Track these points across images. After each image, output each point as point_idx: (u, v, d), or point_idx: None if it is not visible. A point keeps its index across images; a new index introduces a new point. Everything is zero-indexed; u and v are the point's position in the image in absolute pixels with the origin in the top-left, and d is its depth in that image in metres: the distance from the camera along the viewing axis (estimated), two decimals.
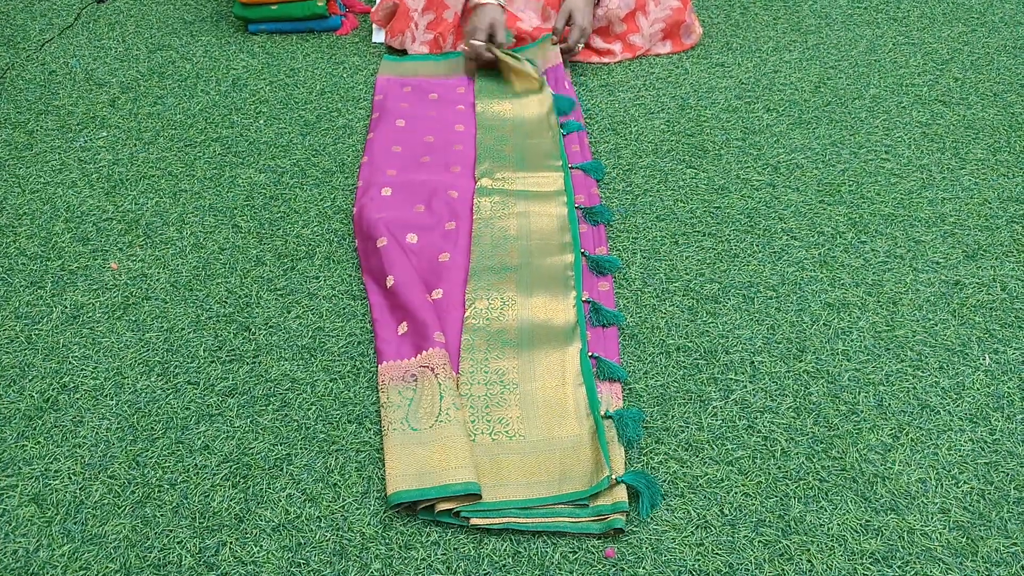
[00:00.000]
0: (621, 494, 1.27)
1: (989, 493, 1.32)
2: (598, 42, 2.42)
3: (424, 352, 1.50)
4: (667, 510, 1.30)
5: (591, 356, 1.50)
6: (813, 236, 1.80)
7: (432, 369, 1.46)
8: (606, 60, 2.42)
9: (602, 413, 1.39)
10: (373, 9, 2.63)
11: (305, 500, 1.33)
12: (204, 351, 1.57)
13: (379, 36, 2.55)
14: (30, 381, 1.52)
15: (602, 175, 1.97)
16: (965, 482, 1.33)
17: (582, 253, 1.72)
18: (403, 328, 1.56)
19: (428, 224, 1.79)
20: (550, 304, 1.60)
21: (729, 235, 1.81)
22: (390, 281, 1.63)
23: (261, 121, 2.19)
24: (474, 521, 1.26)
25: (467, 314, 1.59)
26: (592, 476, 1.29)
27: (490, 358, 1.51)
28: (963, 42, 2.48)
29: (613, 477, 1.28)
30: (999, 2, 2.68)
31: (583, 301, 1.60)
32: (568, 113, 2.15)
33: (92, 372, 1.53)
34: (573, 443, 1.36)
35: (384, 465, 1.36)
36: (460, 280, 1.66)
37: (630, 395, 1.48)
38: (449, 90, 2.27)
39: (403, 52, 2.45)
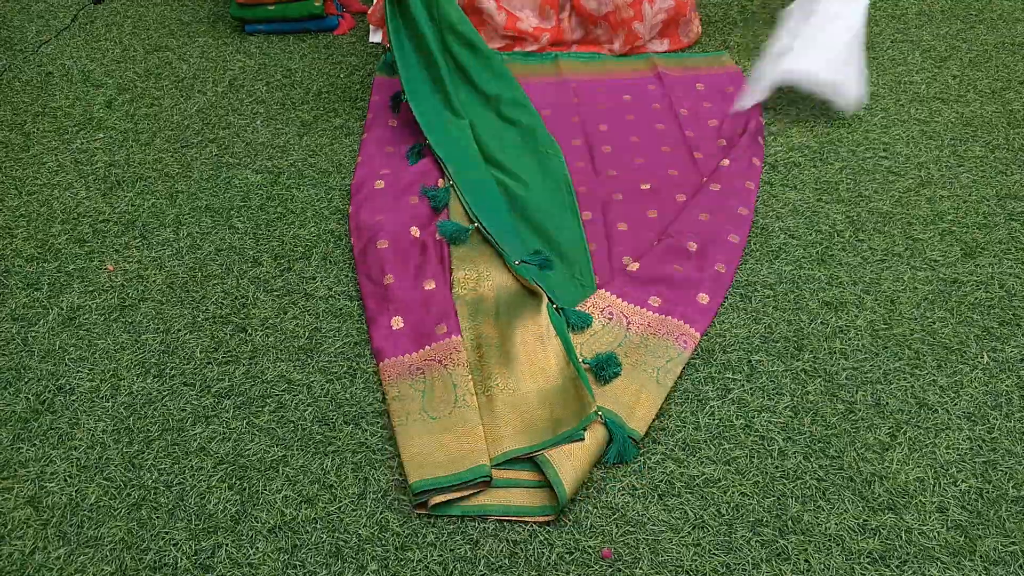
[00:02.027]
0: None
1: (987, 492, 1.31)
2: (604, 32, 2.40)
3: (428, 347, 1.52)
4: (664, 510, 1.30)
5: (557, 308, 1.57)
6: (811, 234, 1.79)
7: (440, 361, 1.49)
8: (604, 52, 2.42)
9: (580, 360, 1.48)
10: (370, 9, 2.62)
11: (301, 502, 1.32)
12: (200, 352, 1.57)
13: (376, 36, 2.55)
14: (26, 383, 1.52)
15: None
16: (963, 481, 1.33)
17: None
18: (397, 323, 1.57)
19: (426, 213, 1.82)
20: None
21: None
22: (389, 279, 1.64)
23: (258, 122, 2.19)
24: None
25: (451, 283, 1.66)
26: (580, 413, 1.38)
27: (472, 325, 1.57)
28: (961, 39, 2.47)
29: (599, 414, 1.37)
30: (997, 0, 2.67)
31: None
32: None
33: (88, 374, 1.53)
34: (559, 392, 1.43)
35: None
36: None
37: None
38: None
39: None
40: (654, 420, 1.42)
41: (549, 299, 1.57)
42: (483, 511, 1.30)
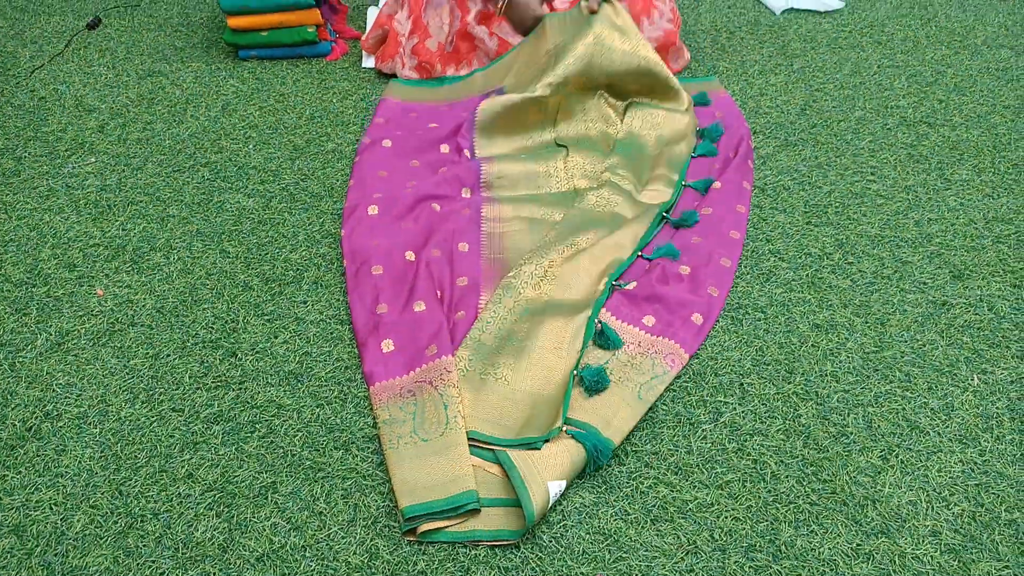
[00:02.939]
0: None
1: (980, 515, 1.31)
2: None
3: (418, 368, 1.51)
4: (657, 535, 1.29)
5: (597, 322, 1.60)
6: (801, 257, 1.80)
7: (431, 383, 1.48)
8: None
9: (573, 372, 1.50)
10: (364, 36, 2.65)
11: (290, 529, 1.31)
12: (189, 377, 1.56)
13: (369, 62, 2.57)
14: (12, 409, 1.50)
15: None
16: (956, 504, 1.33)
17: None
18: (388, 346, 1.57)
19: (422, 236, 1.83)
20: (580, 288, 1.67)
21: None
22: (382, 308, 1.64)
23: (250, 146, 2.20)
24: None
25: (512, 272, 1.69)
26: (548, 426, 1.39)
27: (510, 319, 1.59)
28: (946, 64, 2.51)
29: (564, 429, 1.39)
30: (981, 25, 2.72)
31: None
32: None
33: (76, 400, 1.52)
34: (545, 401, 1.45)
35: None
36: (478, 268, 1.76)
37: None
38: (453, 117, 2.24)
39: (394, 77, 2.47)
40: (645, 445, 1.42)
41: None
42: (472, 536, 1.29)
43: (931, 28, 2.71)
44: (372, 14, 2.83)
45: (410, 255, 1.77)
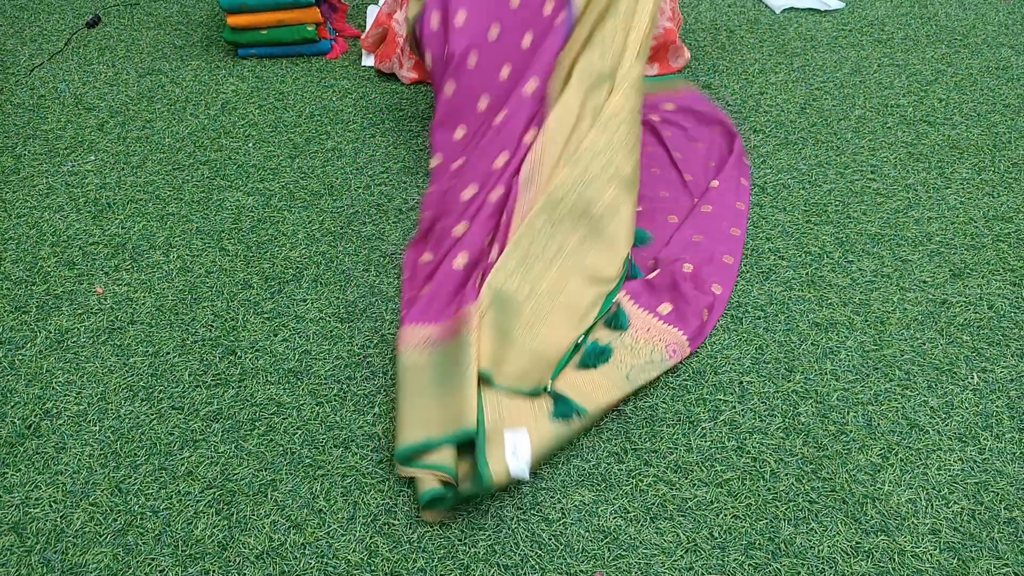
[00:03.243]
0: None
1: (979, 513, 1.31)
2: None
3: (444, 321, 1.56)
4: (656, 533, 1.29)
5: (615, 302, 1.63)
6: (800, 256, 1.80)
7: (456, 332, 1.52)
8: None
9: (579, 339, 1.55)
10: (363, 34, 2.65)
11: (290, 527, 1.31)
12: (189, 375, 1.56)
13: (368, 60, 2.57)
14: (12, 407, 1.50)
15: None
16: (955, 502, 1.33)
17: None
18: (427, 290, 1.65)
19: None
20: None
21: None
22: (427, 257, 1.73)
23: (250, 144, 2.20)
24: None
25: (556, 184, 1.69)
26: (536, 383, 1.46)
27: (536, 269, 1.62)
28: (946, 63, 2.51)
29: (548, 388, 1.45)
30: (981, 24, 2.72)
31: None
32: None
33: (76, 398, 1.52)
34: (546, 360, 1.50)
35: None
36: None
37: (619, 416, 1.47)
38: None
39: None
40: (645, 443, 1.42)
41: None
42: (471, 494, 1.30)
43: (931, 27, 2.71)
44: (372, 12, 2.82)
45: (471, 191, 1.79)
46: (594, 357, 1.50)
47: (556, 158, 1.76)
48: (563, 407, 1.41)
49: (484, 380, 1.44)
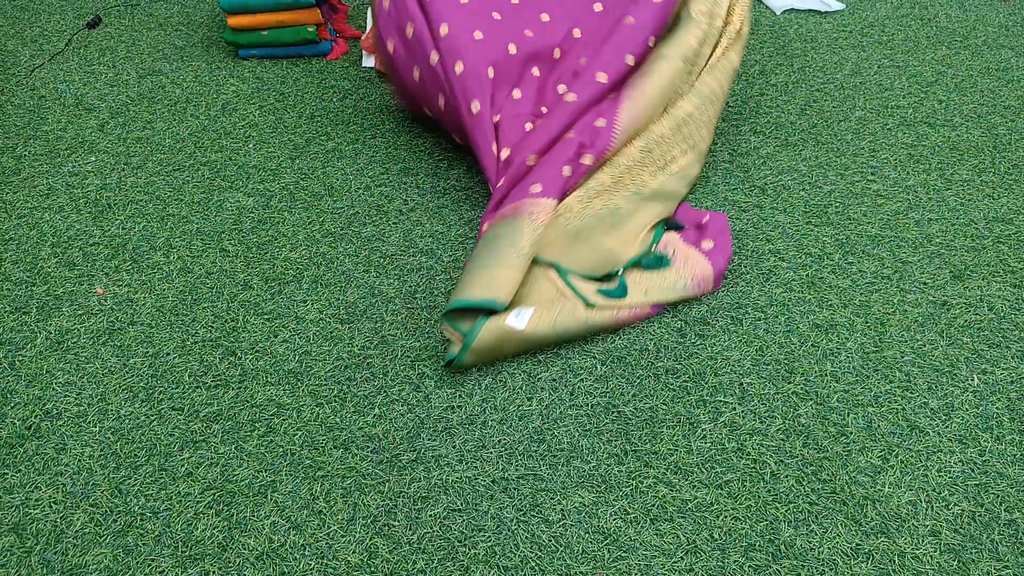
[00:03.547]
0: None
1: (980, 515, 1.31)
2: None
3: (521, 201, 1.72)
4: (656, 534, 1.29)
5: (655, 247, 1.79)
6: (801, 257, 1.80)
7: (530, 213, 1.67)
8: None
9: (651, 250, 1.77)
10: (363, 35, 2.65)
11: (289, 528, 1.31)
12: (189, 376, 1.56)
13: (369, 61, 2.57)
14: (12, 408, 1.50)
15: None
16: (955, 504, 1.33)
17: None
18: (501, 182, 1.81)
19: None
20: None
21: None
22: (505, 152, 1.87)
23: (250, 145, 2.20)
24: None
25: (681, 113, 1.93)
26: (610, 269, 1.70)
27: (616, 197, 1.81)
28: (947, 65, 2.51)
29: (620, 272, 1.69)
30: (981, 26, 2.72)
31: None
32: None
33: (76, 399, 1.52)
34: (612, 261, 1.72)
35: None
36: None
37: (619, 417, 1.47)
38: None
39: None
40: (645, 444, 1.42)
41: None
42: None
43: (932, 28, 2.71)
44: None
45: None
46: (657, 264, 1.72)
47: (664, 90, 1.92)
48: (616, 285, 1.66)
49: (555, 268, 1.65)
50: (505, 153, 1.89)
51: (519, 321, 1.53)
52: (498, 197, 1.82)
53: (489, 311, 1.53)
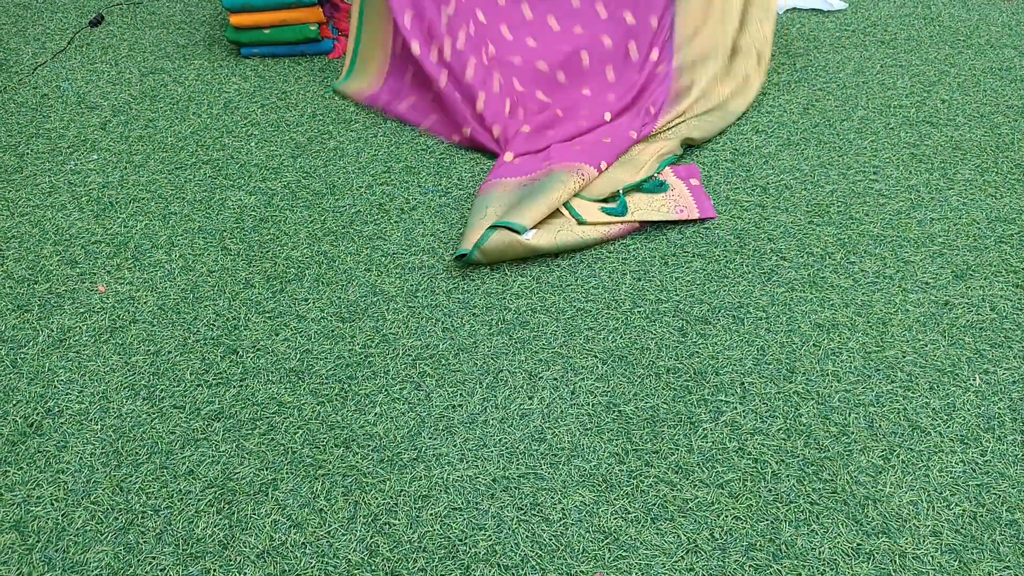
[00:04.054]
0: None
1: (981, 515, 1.31)
2: None
3: (570, 162, 1.98)
4: (657, 534, 1.29)
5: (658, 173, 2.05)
6: (802, 256, 1.80)
7: (579, 171, 1.95)
8: None
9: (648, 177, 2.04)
10: None
11: (290, 526, 1.31)
12: (191, 374, 1.56)
13: None
14: (14, 406, 1.51)
15: None
16: (957, 504, 1.32)
17: None
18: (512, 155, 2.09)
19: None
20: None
21: (719, 256, 1.81)
22: (525, 128, 2.14)
23: (252, 143, 2.20)
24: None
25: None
26: (612, 192, 1.96)
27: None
28: (950, 64, 2.50)
29: (621, 193, 1.95)
30: (984, 25, 2.71)
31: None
32: None
33: (77, 396, 1.52)
34: (622, 182, 1.98)
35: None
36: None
37: (619, 417, 1.47)
38: None
39: None
40: (646, 444, 1.42)
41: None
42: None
43: (934, 27, 2.70)
44: None
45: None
46: (655, 186, 1.97)
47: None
48: (617, 203, 1.92)
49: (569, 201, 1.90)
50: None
51: (526, 235, 1.79)
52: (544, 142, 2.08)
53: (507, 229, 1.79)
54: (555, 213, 1.88)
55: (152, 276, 1.78)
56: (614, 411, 1.48)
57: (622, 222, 1.87)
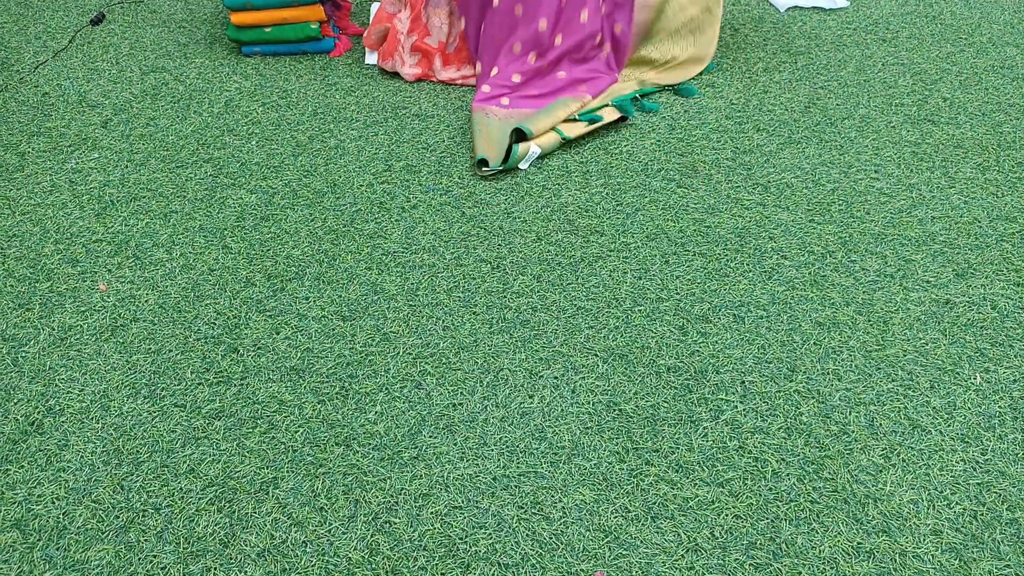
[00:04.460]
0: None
1: (981, 514, 1.31)
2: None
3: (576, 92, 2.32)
4: (657, 532, 1.29)
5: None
6: (803, 255, 1.80)
7: (581, 97, 2.29)
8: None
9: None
10: (366, 32, 2.65)
11: (291, 524, 1.31)
12: (191, 373, 1.56)
13: (371, 58, 2.57)
14: (15, 404, 1.51)
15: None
16: (957, 503, 1.32)
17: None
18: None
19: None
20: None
21: (719, 254, 1.81)
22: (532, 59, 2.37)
23: (253, 142, 2.20)
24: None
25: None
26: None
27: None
28: (951, 62, 2.50)
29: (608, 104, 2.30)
30: (986, 23, 2.70)
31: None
32: None
33: (78, 395, 1.52)
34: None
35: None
36: None
37: (620, 415, 1.47)
38: None
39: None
40: (646, 442, 1.42)
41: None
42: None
43: (936, 25, 2.69)
44: (375, 10, 2.82)
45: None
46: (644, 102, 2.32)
47: None
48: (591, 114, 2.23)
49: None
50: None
51: (534, 147, 2.12)
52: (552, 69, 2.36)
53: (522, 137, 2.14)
54: (550, 133, 2.22)
55: (153, 274, 1.78)
56: (614, 410, 1.48)
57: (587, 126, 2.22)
